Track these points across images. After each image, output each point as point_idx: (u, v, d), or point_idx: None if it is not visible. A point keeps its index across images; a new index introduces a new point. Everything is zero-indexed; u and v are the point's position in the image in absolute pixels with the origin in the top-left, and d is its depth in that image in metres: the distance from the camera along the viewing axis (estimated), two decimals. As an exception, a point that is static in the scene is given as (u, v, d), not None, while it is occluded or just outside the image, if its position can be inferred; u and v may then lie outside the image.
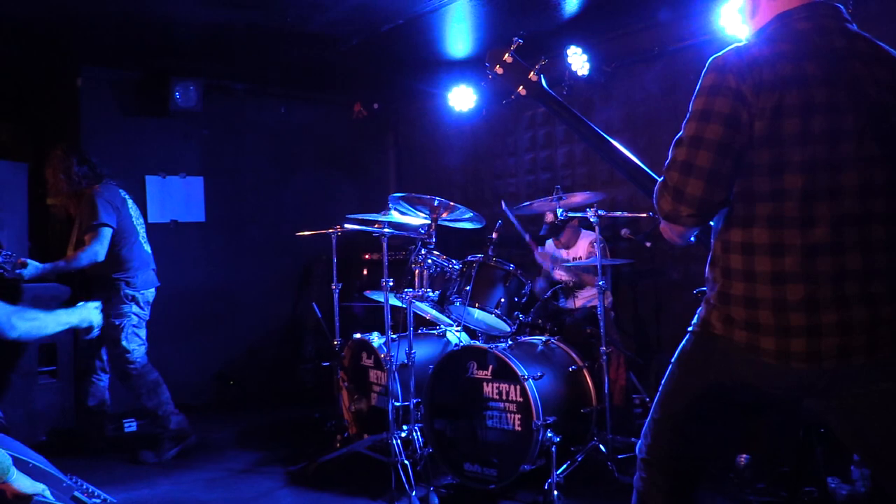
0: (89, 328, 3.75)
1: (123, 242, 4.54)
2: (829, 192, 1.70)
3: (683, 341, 1.94)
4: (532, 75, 2.35)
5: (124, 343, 4.50)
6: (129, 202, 4.66)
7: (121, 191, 4.63)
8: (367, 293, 4.94)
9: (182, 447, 4.59)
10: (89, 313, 3.79)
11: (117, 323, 4.48)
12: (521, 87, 2.35)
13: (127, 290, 4.52)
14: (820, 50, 1.74)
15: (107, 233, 4.42)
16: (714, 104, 1.73)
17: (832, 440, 3.26)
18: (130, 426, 5.18)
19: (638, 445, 2.02)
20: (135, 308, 4.58)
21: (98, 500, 2.39)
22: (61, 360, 5.12)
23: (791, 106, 1.69)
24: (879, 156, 1.71)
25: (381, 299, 4.04)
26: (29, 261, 4.18)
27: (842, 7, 1.82)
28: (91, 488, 2.98)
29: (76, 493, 2.33)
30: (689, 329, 1.93)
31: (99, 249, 4.37)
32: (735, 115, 1.71)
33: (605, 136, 2.25)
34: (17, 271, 4.18)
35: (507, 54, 2.38)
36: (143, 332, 4.62)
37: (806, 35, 1.76)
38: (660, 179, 1.84)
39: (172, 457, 4.53)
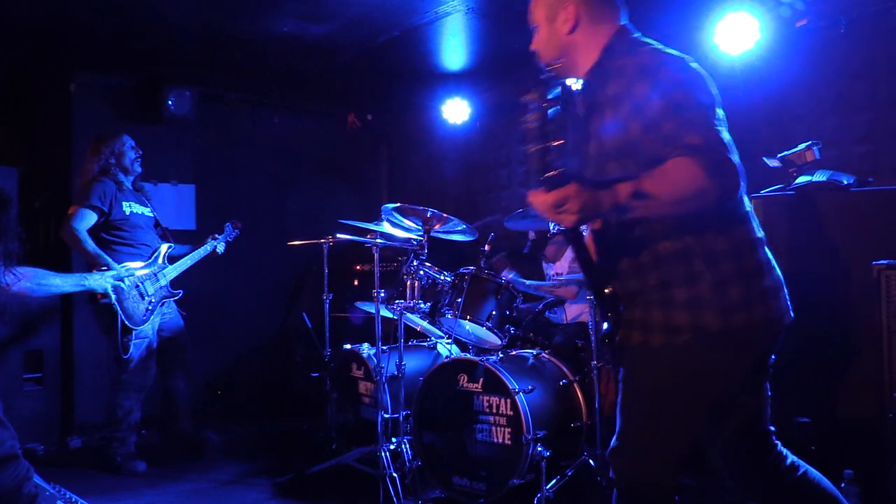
0: (104, 294, 3.85)
1: None
2: None
3: (659, 361, 1.94)
4: None
5: None
6: None
7: None
8: (358, 304, 4.93)
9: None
10: (104, 280, 3.90)
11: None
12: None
13: None
14: None
15: None
16: (712, 91, 1.93)
17: (822, 459, 3.25)
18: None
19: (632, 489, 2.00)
20: None
21: (81, 510, 2.36)
22: (48, 366, 5.07)
23: None
24: None
25: (373, 310, 4.03)
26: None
27: None
28: (74, 498, 2.94)
29: (59, 503, 2.30)
30: (664, 342, 1.93)
31: None
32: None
33: None
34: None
35: None
36: None
37: None
38: (686, 157, 1.79)
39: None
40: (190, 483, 4.25)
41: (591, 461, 3.79)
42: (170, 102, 5.67)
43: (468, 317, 3.87)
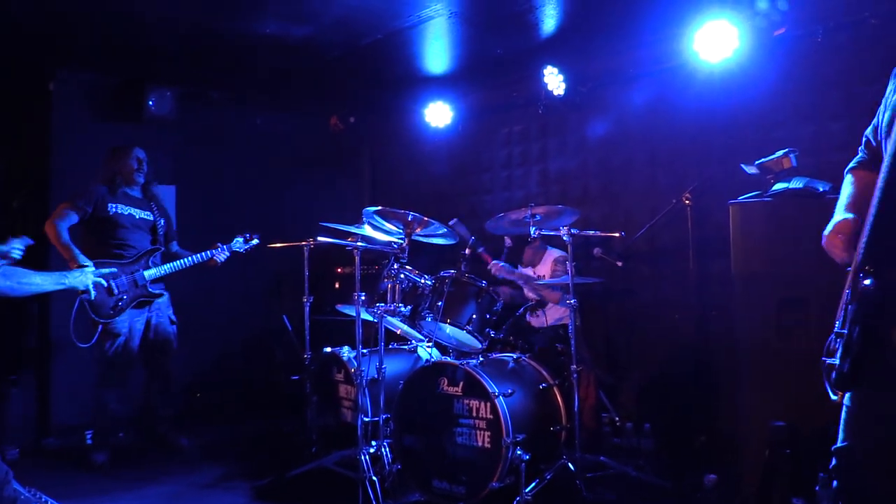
0: (85, 290, 3.82)
1: None
2: None
3: None
4: None
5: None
6: None
7: None
8: (339, 307, 4.91)
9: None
10: (85, 277, 3.85)
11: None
12: None
13: None
14: None
15: None
16: None
17: (797, 461, 3.29)
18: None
19: None
20: None
21: (56, 514, 2.34)
22: (24, 368, 5.02)
23: None
24: None
25: (353, 313, 4.02)
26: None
27: None
28: (50, 501, 2.91)
29: (34, 507, 2.27)
30: None
31: None
32: None
33: None
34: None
35: None
36: None
37: None
38: None
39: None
40: (168, 486, 4.22)
41: (570, 464, 3.81)
42: (150, 102, 5.63)
43: (449, 320, 3.88)
